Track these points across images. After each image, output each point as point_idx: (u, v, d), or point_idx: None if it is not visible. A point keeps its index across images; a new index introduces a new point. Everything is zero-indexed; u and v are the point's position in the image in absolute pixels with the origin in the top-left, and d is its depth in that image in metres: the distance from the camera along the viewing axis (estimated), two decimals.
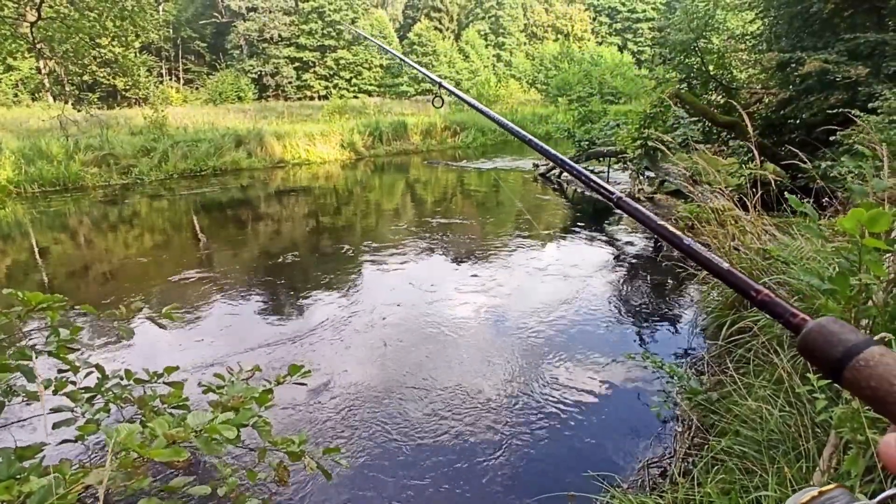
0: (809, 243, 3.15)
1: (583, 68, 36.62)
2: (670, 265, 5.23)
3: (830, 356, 0.34)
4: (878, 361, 0.32)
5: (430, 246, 7.16)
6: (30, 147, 13.26)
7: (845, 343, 0.34)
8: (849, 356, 0.33)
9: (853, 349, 0.33)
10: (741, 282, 0.45)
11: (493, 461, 2.74)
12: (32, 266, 7.00)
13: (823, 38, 6.87)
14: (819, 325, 0.36)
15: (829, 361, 0.34)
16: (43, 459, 1.33)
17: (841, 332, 0.35)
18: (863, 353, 0.33)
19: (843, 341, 0.34)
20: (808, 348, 0.36)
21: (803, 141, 6.46)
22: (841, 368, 0.34)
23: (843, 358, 0.34)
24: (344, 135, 19.12)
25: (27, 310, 1.47)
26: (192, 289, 5.72)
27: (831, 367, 0.34)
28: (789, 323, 0.40)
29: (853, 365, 0.33)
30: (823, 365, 0.35)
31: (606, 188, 0.67)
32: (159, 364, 1.85)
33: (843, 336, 0.34)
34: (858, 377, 0.32)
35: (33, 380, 1.57)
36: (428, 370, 3.71)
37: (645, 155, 8.35)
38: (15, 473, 1.22)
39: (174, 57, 40.96)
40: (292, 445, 1.41)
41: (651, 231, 0.55)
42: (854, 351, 0.33)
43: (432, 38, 45.03)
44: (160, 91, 26.08)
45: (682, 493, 2.05)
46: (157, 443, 1.06)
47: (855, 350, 0.33)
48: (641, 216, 0.58)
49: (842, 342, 0.34)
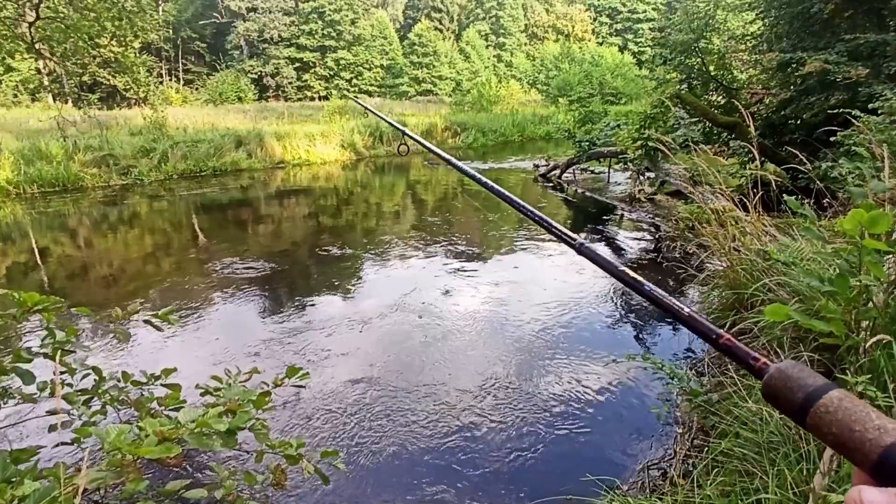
0: (810, 244, 3.14)
1: (583, 69, 36.60)
2: (671, 266, 5.22)
3: (792, 402, 0.35)
4: (836, 407, 0.32)
5: (430, 246, 7.15)
6: (29, 148, 13.25)
7: (805, 389, 0.34)
8: (809, 402, 0.34)
9: (813, 395, 0.34)
10: (703, 326, 0.45)
11: (491, 463, 2.74)
12: (32, 267, 7.00)
13: (824, 39, 6.87)
14: (779, 371, 0.36)
15: (791, 406, 0.35)
16: (38, 462, 1.32)
17: (800, 378, 0.35)
18: (822, 398, 0.33)
19: (802, 387, 0.34)
20: (772, 393, 0.36)
21: (804, 141, 6.45)
22: (804, 414, 0.34)
23: (804, 404, 0.34)
24: (344, 135, 19.13)
25: (23, 311, 1.47)
26: (192, 290, 5.71)
27: (794, 412, 0.35)
28: (751, 367, 0.40)
29: (814, 411, 0.33)
30: (786, 409, 0.35)
31: (568, 234, 0.67)
32: (157, 366, 1.84)
33: (803, 381, 0.35)
34: (820, 423, 0.33)
35: (31, 382, 1.56)
36: (426, 371, 3.71)
37: (645, 155, 8.33)
38: (10, 477, 1.22)
39: (174, 57, 40.98)
40: (290, 449, 1.40)
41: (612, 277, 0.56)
42: (814, 397, 0.34)
43: (433, 38, 45.03)
44: (160, 91, 26.10)
45: (681, 495, 2.04)
46: (148, 441, 1.06)
47: (815, 396, 0.34)
48: (602, 261, 0.57)
49: (801, 388, 0.34)
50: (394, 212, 10.59)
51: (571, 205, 10.06)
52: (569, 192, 10.88)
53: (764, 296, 3.07)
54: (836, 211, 3.92)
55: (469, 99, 29.70)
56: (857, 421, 0.31)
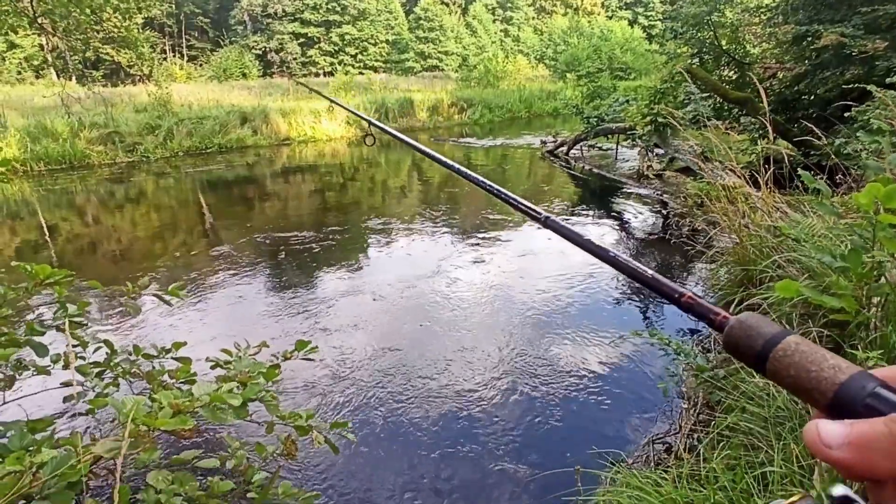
0: (821, 220, 3.10)
1: (592, 43, 35.88)
2: (679, 242, 5.18)
3: (752, 350, 0.36)
4: (794, 350, 0.33)
5: (437, 223, 7.13)
6: (35, 125, 13.23)
7: (764, 336, 0.35)
8: (768, 348, 0.35)
9: (772, 340, 0.35)
10: (666, 287, 0.46)
11: (499, 436, 2.77)
12: (41, 244, 7.06)
13: (841, 11, 6.66)
14: (739, 322, 0.37)
15: (751, 355, 0.36)
16: (54, 432, 1.34)
17: (759, 326, 0.36)
18: (780, 343, 0.34)
19: (761, 334, 0.35)
20: (732, 344, 0.37)
21: (818, 117, 6.32)
22: (763, 360, 0.35)
23: (763, 350, 0.35)
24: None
25: (35, 283, 1.48)
26: (199, 266, 5.75)
27: (754, 359, 0.36)
28: (712, 322, 0.41)
29: (773, 356, 0.34)
30: (747, 358, 0.36)
31: (533, 209, 0.68)
32: (167, 340, 1.86)
33: (762, 329, 0.36)
34: (779, 367, 0.34)
35: (44, 354, 1.58)
36: (434, 346, 3.73)
37: (654, 131, 8.20)
38: (27, 445, 1.24)
39: (177, 33, 40.53)
40: (300, 420, 1.42)
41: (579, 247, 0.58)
42: (773, 342, 0.34)
43: (439, 12, 44.17)
44: (164, 68, 25.87)
45: (686, 468, 2.06)
46: (163, 413, 1.07)
47: (773, 341, 0.35)
48: (568, 233, 0.60)
49: (761, 335, 0.35)
50: (399, 188, 10.55)
51: (579, 181, 9.97)
52: (576, 169, 10.77)
53: (773, 272, 3.05)
54: (849, 187, 3.86)
55: (476, 74, 29.24)
56: (812, 362, 0.32)
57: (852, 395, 0.30)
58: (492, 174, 11.76)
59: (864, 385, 0.30)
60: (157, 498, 1.28)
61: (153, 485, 1.27)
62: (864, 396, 0.29)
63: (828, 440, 0.28)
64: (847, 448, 0.27)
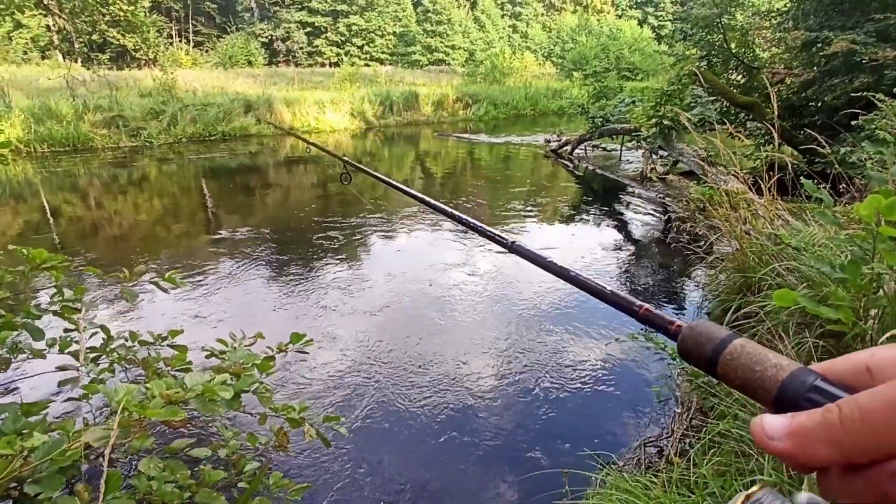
0: (822, 230, 3.09)
1: (600, 42, 35.72)
2: (679, 247, 5.18)
3: (703, 355, 0.37)
4: (740, 353, 0.35)
5: (437, 218, 7.13)
6: (39, 106, 13.22)
7: (713, 341, 0.37)
8: (717, 352, 0.36)
9: (720, 345, 0.36)
10: (625, 301, 0.50)
11: (489, 437, 2.78)
12: (43, 227, 7.06)
13: (853, 18, 6.63)
14: (690, 329, 0.39)
15: (703, 360, 0.37)
16: (47, 416, 1.35)
17: (708, 332, 0.38)
18: (728, 347, 0.36)
19: (710, 339, 0.37)
20: (686, 351, 0.39)
21: (824, 124, 6.30)
22: (714, 364, 0.36)
23: (713, 354, 0.36)
24: (354, 103, 18.91)
25: (31, 267, 1.48)
26: (199, 254, 5.76)
27: (706, 364, 0.37)
28: (668, 331, 0.43)
29: (722, 359, 0.36)
30: (699, 364, 0.38)
31: (500, 236, 0.73)
32: (165, 326, 1.86)
33: (711, 335, 0.37)
34: (727, 370, 0.35)
35: (40, 338, 1.58)
36: (427, 343, 3.74)
37: (659, 134, 8.18)
38: (20, 429, 1.25)
39: (184, 18, 40.38)
40: (293, 412, 1.42)
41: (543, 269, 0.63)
42: (721, 346, 0.36)
43: (447, 6, 43.96)
44: (169, 53, 25.78)
45: (677, 473, 2.06)
46: (154, 402, 1.07)
47: (721, 346, 0.36)
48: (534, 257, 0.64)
49: (710, 340, 0.37)
50: (402, 181, 10.52)
51: (581, 181, 9.96)
52: (579, 169, 10.75)
53: (772, 280, 3.04)
54: (852, 196, 3.84)
55: (482, 70, 29.14)
56: (757, 362, 0.34)
57: (794, 390, 0.31)
58: (496, 171, 11.74)
59: (805, 380, 0.31)
60: (148, 485, 1.28)
61: (144, 472, 1.28)
62: (805, 391, 0.30)
63: (770, 432, 0.29)
64: (788, 438, 0.28)
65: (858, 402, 0.27)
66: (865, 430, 0.26)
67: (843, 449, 0.27)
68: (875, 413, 0.26)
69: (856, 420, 0.26)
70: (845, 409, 0.27)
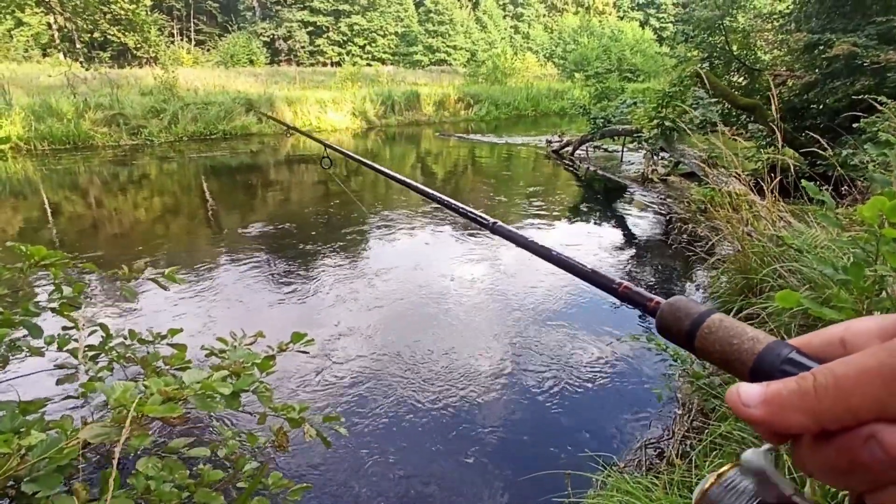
0: (825, 232, 3.09)
1: (602, 43, 35.72)
2: (680, 248, 5.17)
3: (681, 330, 0.38)
4: (718, 327, 0.36)
5: (438, 217, 7.12)
6: (40, 104, 13.22)
7: (691, 316, 0.37)
8: (695, 326, 0.37)
9: (697, 320, 0.37)
10: (604, 279, 0.50)
11: (490, 437, 2.77)
12: (41, 224, 7.05)
13: (855, 20, 6.62)
14: (669, 304, 0.40)
15: (681, 334, 0.38)
16: (44, 414, 1.34)
17: (686, 308, 0.38)
18: (706, 321, 0.36)
19: (689, 315, 0.38)
20: (665, 326, 0.39)
21: (825, 127, 6.30)
22: (692, 338, 0.37)
23: (691, 329, 0.37)
24: (356, 103, 18.90)
25: (30, 264, 1.47)
26: (199, 252, 5.75)
27: (684, 338, 0.38)
28: (647, 307, 0.43)
29: (700, 334, 0.36)
30: (678, 338, 0.39)
31: (481, 216, 0.73)
32: (162, 326, 1.85)
33: (689, 310, 0.38)
34: (706, 343, 0.36)
35: (38, 336, 1.57)
36: (428, 342, 3.73)
37: (661, 135, 8.17)
38: (18, 427, 1.24)
39: (185, 17, 40.37)
40: (293, 412, 1.41)
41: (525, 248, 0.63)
42: (699, 321, 0.37)
43: (449, 6, 43.96)
44: (171, 51, 25.75)
45: (678, 474, 2.05)
46: (153, 400, 1.06)
47: (699, 320, 0.37)
48: (516, 237, 0.65)
49: (688, 315, 0.38)
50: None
51: (582, 182, 9.95)
52: (580, 170, 10.74)
53: (774, 282, 3.04)
54: (854, 199, 3.84)
55: (483, 70, 29.14)
56: (734, 336, 0.34)
57: (770, 361, 0.32)
58: (497, 171, 11.73)
59: (780, 352, 0.32)
60: (146, 484, 1.28)
61: (143, 471, 1.27)
62: (781, 362, 0.31)
63: (746, 399, 0.30)
64: (762, 405, 0.29)
65: (832, 370, 0.28)
66: (839, 396, 0.27)
67: (816, 415, 0.27)
68: (848, 379, 0.27)
69: (829, 387, 0.27)
70: (819, 377, 0.28)
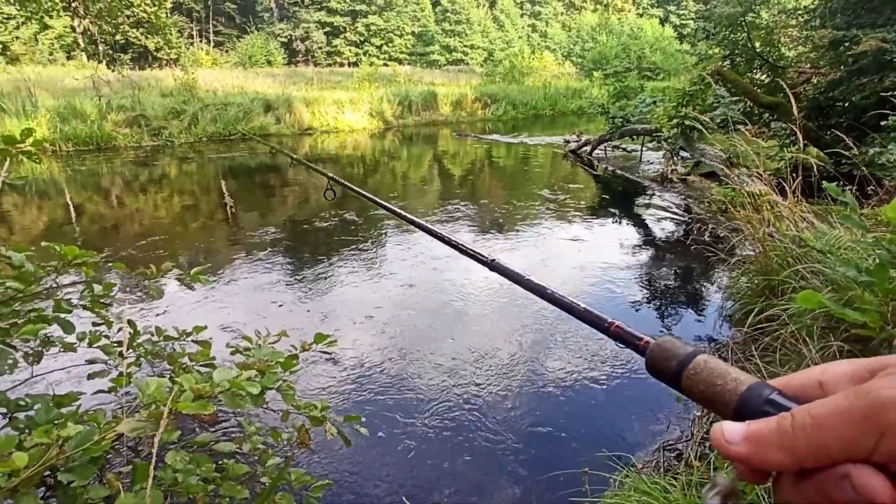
0: (848, 233, 3.03)
1: (621, 41, 35.35)
2: (700, 249, 5.11)
3: (669, 370, 0.39)
4: (702, 368, 0.37)
5: (456, 217, 7.14)
6: (64, 106, 13.55)
7: (678, 356, 0.39)
8: (681, 367, 0.38)
9: (684, 360, 0.38)
10: (596, 318, 0.52)
11: (508, 436, 2.78)
12: (67, 223, 7.24)
13: (883, 15, 6.46)
14: (656, 345, 0.41)
15: (669, 375, 0.39)
16: (79, 408, 1.39)
17: (673, 348, 0.40)
18: (691, 363, 0.38)
19: (675, 355, 0.39)
20: (653, 366, 0.41)
21: (851, 125, 6.16)
22: (679, 379, 0.38)
23: (678, 369, 0.38)
24: (373, 103, 19.00)
25: (63, 263, 1.52)
26: (221, 252, 5.85)
27: (671, 379, 0.39)
28: (637, 347, 0.45)
29: (685, 374, 0.38)
30: (666, 378, 0.40)
31: (479, 253, 0.76)
32: (188, 323, 1.90)
33: (676, 351, 0.39)
34: (691, 384, 0.37)
35: (71, 332, 1.63)
36: (447, 342, 3.75)
37: (681, 134, 8.07)
38: (53, 419, 1.29)
39: (205, 18, 41.00)
40: (314, 410, 1.44)
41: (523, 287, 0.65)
42: (685, 362, 0.38)
43: (466, 5, 43.92)
44: (190, 53, 26.19)
45: (696, 476, 2.04)
46: (185, 397, 1.10)
47: (685, 361, 0.38)
48: (514, 275, 0.67)
49: (675, 356, 0.39)
50: (420, 180, 10.56)
51: (601, 182, 9.88)
52: (599, 170, 10.67)
53: (796, 283, 2.99)
54: (880, 199, 3.76)
55: (501, 70, 29.05)
56: (718, 376, 0.36)
57: (752, 402, 0.33)
58: (515, 172, 11.71)
59: (761, 393, 0.33)
60: (174, 476, 1.32)
61: (171, 464, 1.31)
62: (762, 402, 0.33)
63: (729, 437, 0.31)
64: (744, 443, 0.31)
65: (809, 411, 0.29)
66: (814, 436, 0.28)
67: (794, 453, 0.29)
68: (823, 419, 0.28)
69: (806, 426, 0.29)
70: (797, 417, 0.29)
